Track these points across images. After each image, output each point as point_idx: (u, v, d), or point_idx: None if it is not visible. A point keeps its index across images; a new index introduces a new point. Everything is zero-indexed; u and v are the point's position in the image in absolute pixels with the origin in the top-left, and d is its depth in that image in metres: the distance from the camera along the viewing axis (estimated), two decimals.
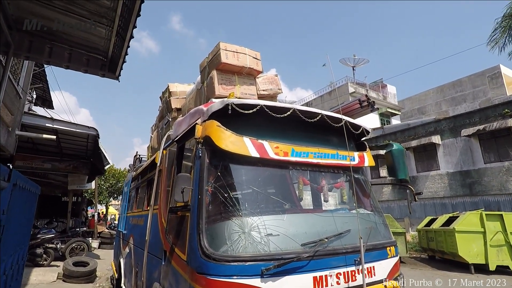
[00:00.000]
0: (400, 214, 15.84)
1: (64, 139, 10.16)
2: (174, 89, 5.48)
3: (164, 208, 3.16)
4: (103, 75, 3.92)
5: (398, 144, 3.14)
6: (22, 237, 3.59)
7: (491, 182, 13.15)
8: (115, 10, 2.99)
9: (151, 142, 7.29)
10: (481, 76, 22.15)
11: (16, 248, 3.24)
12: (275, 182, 2.83)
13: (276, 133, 2.64)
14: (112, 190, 29.78)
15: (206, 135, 2.44)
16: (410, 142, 15.80)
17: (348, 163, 2.84)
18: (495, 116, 13.14)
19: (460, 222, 9.05)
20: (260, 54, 4.04)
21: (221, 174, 2.38)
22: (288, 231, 2.30)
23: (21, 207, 3.19)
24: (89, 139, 10.15)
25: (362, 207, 3.01)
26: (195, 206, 2.33)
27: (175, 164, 3.05)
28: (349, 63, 27.26)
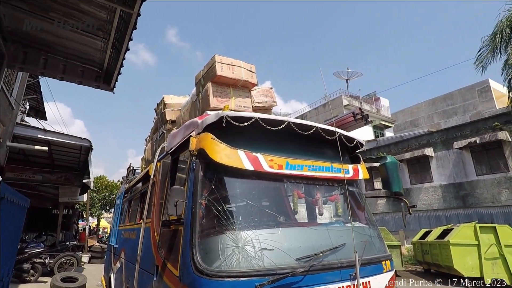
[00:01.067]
0: (395, 226, 15.81)
1: (56, 151, 10.03)
2: (169, 101, 5.48)
3: (157, 221, 3.10)
4: (97, 86, 3.91)
5: (392, 156, 3.15)
6: (8, 252, 3.48)
7: (483, 194, 13.26)
8: (111, 23, 3.01)
9: (145, 154, 7.23)
10: (471, 90, 22.65)
11: (1, 264, 3.14)
12: (270, 195, 2.81)
13: (271, 146, 2.64)
14: (104, 203, 29.26)
15: (200, 148, 2.43)
16: (404, 154, 15.95)
17: (342, 176, 2.84)
18: (485, 129, 13.38)
19: (454, 235, 9.05)
20: (255, 67, 4.09)
21: (215, 187, 2.36)
22: (282, 245, 2.27)
23: (9, 221, 3.11)
24: (82, 151, 10.03)
25: (357, 220, 2.99)
26: (188, 220, 2.29)
27: (168, 176, 3.02)
28: (342, 76, 27.71)
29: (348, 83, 27.85)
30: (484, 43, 10.39)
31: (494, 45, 10.02)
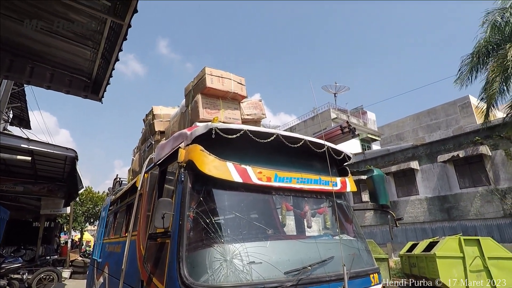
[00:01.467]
0: (383, 239, 15.90)
1: (40, 161, 9.73)
2: (158, 112, 5.46)
3: (143, 234, 3.04)
4: (85, 96, 3.86)
5: (378, 169, 3.20)
6: None
7: (467, 207, 13.55)
8: (102, 33, 3.01)
9: (132, 165, 7.11)
10: (453, 105, 23.46)
11: None
12: (258, 207, 2.81)
13: (260, 158, 2.65)
14: (88, 215, 28.38)
15: (189, 159, 2.41)
16: (390, 167, 16.22)
17: (330, 188, 2.86)
18: (467, 143, 13.81)
19: (440, 247, 9.15)
20: (245, 79, 4.14)
21: (203, 199, 2.34)
22: (271, 258, 2.25)
23: None
24: (67, 161, 9.77)
25: (345, 233, 3.01)
26: (175, 233, 2.25)
27: (156, 188, 2.98)
28: (330, 90, 28.28)
29: (336, 97, 28.43)
30: (463, 63, 10.88)
31: (472, 65, 10.50)
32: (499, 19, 9.86)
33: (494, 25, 10.01)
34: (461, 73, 10.90)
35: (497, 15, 9.86)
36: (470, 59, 10.65)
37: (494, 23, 10.01)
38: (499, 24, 9.85)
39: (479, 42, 10.34)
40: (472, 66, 10.52)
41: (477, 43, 10.43)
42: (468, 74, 10.64)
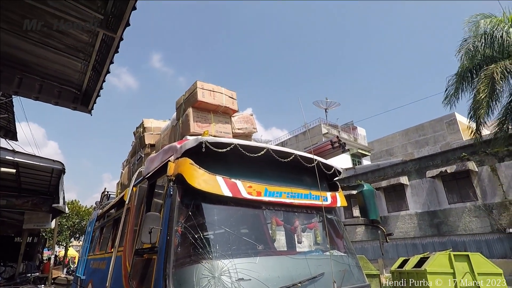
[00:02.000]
0: (374, 255, 15.81)
1: (25, 173, 9.46)
2: (149, 124, 5.44)
3: (130, 250, 2.95)
4: (74, 108, 3.81)
5: (368, 184, 3.21)
6: None
7: (456, 222, 13.67)
8: (93, 45, 3.01)
9: (121, 178, 7.00)
10: (440, 122, 24.05)
11: None
12: (248, 222, 2.77)
13: (250, 172, 2.63)
14: (74, 230, 27.51)
15: (178, 173, 2.39)
16: (380, 182, 16.35)
17: (321, 203, 2.85)
18: (454, 159, 14.09)
19: (430, 263, 9.14)
20: (237, 94, 4.18)
21: (192, 213, 2.30)
22: (260, 275, 2.20)
23: None
24: (53, 174, 9.53)
25: (335, 248, 2.98)
26: (162, 248, 2.20)
27: (144, 202, 2.92)
28: (321, 105, 28.71)
29: (327, 112, 28.85)
30: (449, 83, 11.24)
31: (457, 85, 10.87)
32: (471, 47, 10.34)
33: (467, 53, 10.51)
34: (448, 93, 11.24)
35: (471, 44, 10.33)
36: (455, 79, 11.02)
37: (467, 52, 10.50)
38: (472, 52, 10.32)
39: (463, 63, 10.74)
40: (457, 86, 10.87)
41: (461, 65, 10.83)
42: (455, 94, 10.98)
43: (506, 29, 9.85)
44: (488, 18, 10.32)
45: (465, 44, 10.61)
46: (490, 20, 10.21)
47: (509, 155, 12.59)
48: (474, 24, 10.52)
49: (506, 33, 9.74)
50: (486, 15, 10.47)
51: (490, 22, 10.16)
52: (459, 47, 10.82)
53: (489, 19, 10.26)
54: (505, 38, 9.68)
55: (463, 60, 10.61)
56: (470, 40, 10.48)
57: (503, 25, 9.98)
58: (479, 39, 10.14)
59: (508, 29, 9.85)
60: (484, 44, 10.05)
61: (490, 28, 10.09)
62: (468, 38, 10.60)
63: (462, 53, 10.68)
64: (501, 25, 9.98)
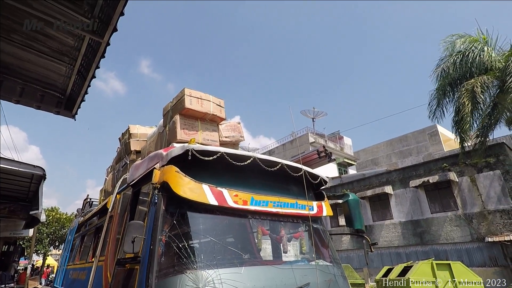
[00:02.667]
0: (359, 264, 15.91)
1: (2, 178, 9.08)
2: (135, 131, 5.35)
3: (112, 259, 2.87)
4: (57, 112, 3.71)
5: (353, 194, 3.23)
6: None
7: (438, 231, 13.97)
8: (79, 49, 2.96)
9: (105, 185, 6.84)
10: (423, 133, 24.77)
11: None
12: (234, 231, 2.74)
13: (236, 181, 2.62)
14: (54, 238, 26.44)
15: (163, 181, 2.35)
16: (366, 191, 16.58)
17: (307, 212, 2.86)
18: (436, 169, 14.47)
19: (414, 272, 9.28)
20: (225, 101, 4.18)
21: (177, 222, 2.26)
22: (245, 285, 2.18)
23: None
24: (33, 179, 9.18)
25: (321, 258, 2.98)
26: (145, 258, 2.14)
27: (128, 210, 2.86)
28: (309, 114, 29.08)
29: (314, 122, 29.23)
30: (432, 97, 11.64)
31: (439, 99, 11.30)
32: (447, 65, 10.88)
33: (443, 71, 11.06)
34: (431, 107, 11.63)
35: (448, 61, 10.87)
36: (436, 94, 11.44)
37: (443, 70, 11.03)
38: (449, 69, 10.85)
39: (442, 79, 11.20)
40: (439, 100, 11.29)
41: (438, 82, 11.30)
42: (437, 109, 11.39)
43: (481, 48, 10.45)
44: (463, 37, 10.95)
45: (441, 63, 11.15)
46: (465, 39, 10.83)
47: (487, 166, 13.05)
48: (450, 44, 11.14)
49: (481, 51, 10.32)
50: (461, 35, 11.12)
51: (465, 41, 10.79)
52: (436, 66, 11.37)
53: (463, 38, 10.89)
54: (481, 55, 10.23)
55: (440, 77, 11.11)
56: (446, 59, 11.03)
57: (478, 43, 10.59)
58: (456, 56, 10.67)
59: (483, 47, 10.44)
60: (461, 60, 10.56)
61: (464, 47, 10.69)
62: (444, 57, 11.16)
63: (438, 71, 11.19)
64: (476, 43, 10.60)
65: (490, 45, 10.58)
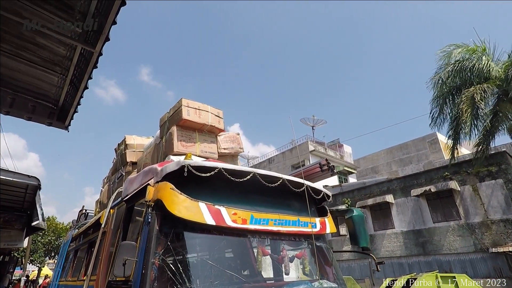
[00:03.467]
0: (361, 274, 15.61)
1: None
2: (131, 141, 5.23)
3: (103, 281, 2.70)
4: (50, 124, 3.58)
5: (358, 210, 3.09)
6: None
7: (440, 241, 13.73)
8: (71, 59, 2.85)
9: (100, 196, 6.69)
10: (423, 141, 24.68)
11: None
12: (233, 253, 2.59)
13: (235, 197, 2.48)
14: (50, 248, 26.06)
15: (157, 198, 2.20)
16: (367, 200, 16.37)
17: (310, 230, 2.71)
18: (437, 178, 14.32)
19: (418, 286, 9.05)
20: (224, 108, 4.07)
21: (171, 244, 2.11)
22: None
23: None
24: (28, 189, 8.99)
25: (325, 278, 2.81)
26: (137, 283, 1.99)
27: (121, 227, 2.70)
28: (308, 122, 29.01)
29: (313, 130, 29.14)
30: (433, 105, 11.63)
31: (440, 107, 11.29)
32: (446, 74, 10.96)
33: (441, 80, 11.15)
34: (432, 115, 11.60)
35: (446, 70, 10.96)
36: (436, 102, 11.44)
37: (440, 79, 11.12)
38: (448, 78, 10.92)
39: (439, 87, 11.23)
40: (441, 108, 11.28)
41: (435, 91, 11.33)
42: (439, 116, 11.37)
43: (479, 56, 10.53)
44: (460, 47, 11.08)
45: (439, 72, 11.24)
46: (462, 49, 10.96)
47: (489, 175, 12.91)
48: (447, 54, 11.25)
49: (479, 60, 10.40)
50: (458, 45, 11.28)
51: (462, 51, 10.94)
52: (434, 74, 11.46)
53: (461, 48, 11.04)
54: (480, 64, 10.29)
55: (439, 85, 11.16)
56: (443, 68, 11.12)
57: (477, 53, 10.68)
58: (455, 65, 10.75)
59: (481, 56, 10.51)
60: (461, 68, 10.63)
61: (462, 56, 10.82)
62: (442, 66, 11.26)
63: (436, 79, 11.26)
64: (474, 53, 10.70)
65: (488, 55, 10.66)
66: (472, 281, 9.03)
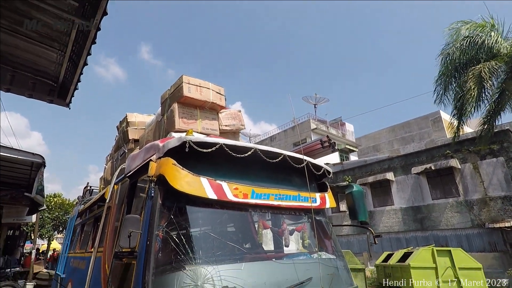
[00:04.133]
0: (359, 248, 16.09)
1: (2, 166, 9.05)
2: (133, 119, 5.24)
3: (109, 252, 2.81)
4: (51, 101, 3.57)
5: (358, 185, 3.15)
6: None
7: (438, 218, 14.02)
8: (69, 35, 2.79)
9: (104, 173, 6.80)
10: (425, 120, 24.50)
11: None
12: (234, 226, 2.67)
13: (236, 173, 2.52)
14: (57, 223, 26.86)
15: (160, 174, 2.25)
16: (367, 178, 16.55)
17: (309, 205, 2.77)
18: (439, 156, 14.37)
19: (414, 258, 9.34)
20: (225, 87, 4.03)
21: (174, 217, 2.17)
22: (246, 282, 2.11)
23: None
24: (33, 167, 9.15)
25: (324, 250, 2.92)
26: (142, 254, 2.07)
27: (125, 202, 2.78)
28: (310, 101, 28.74)
29: (316, 108, 28.92)
30: (438, 82, 11.39)
31: (445, 85, 11.07)
32: (454, 49, 10.64)
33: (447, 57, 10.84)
34: (438, 92, 11.41)
35: (453, 47, 10.64)
36: (441, 79, 11.20)
37: (447, 55, 10.81)
38: (455, 54, 10.62)
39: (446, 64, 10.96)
40: (446, 85, 11.07)
41: (441, 68, 11.06)
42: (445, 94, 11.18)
43: (487, 32, 10.19)
44: (468, 23, 10.72)
45: (447, 49, 10.92)
46: (470, 25, 10.60)
47: (490, 153, 12.92)
48: (455, 31, 10.88)
49: (488, 36, 10.06)
50: (466, 22, 10.91)
51: (471, 27, 10.58)
52: (442, 51, 11.14)
53: (469, 24, 10.67)
54: (488, 40, 9.97)
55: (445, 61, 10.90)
56: (451, 44, 10.80)
57: (485, 28, 10.33)
58: (463, 41, 10.43)
59: (490, 32, 10.17)
60: (468, 44, 10.32)
61: (470, 32, 10.45)
62: (450, 42, 10.93)
63: (443, 56, 10.97)
64: (482, 29, 10.35)
65: (498, 30, 10.31)
66: (466, 255, 9.31)
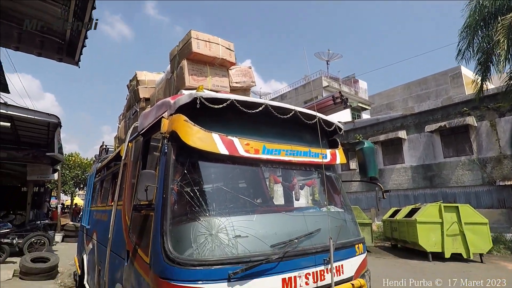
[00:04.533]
0: (367, 204, 16.53)
1: (21, 126, 9.36)
2: (143, 77, 5.18)
3: (128, 205, 2.98)
4: (60, 59, 3.54)
5: (369, 142, 3.14)
6: None
7: (449, 175, 14.04)
8: None
9: (118, 132, 6.94)
10: (444, 75, 23.38)
11: None
12: (246, 180, 2.75)
13: (247, 129, 2.53)
14: (78, 181, 28.32)
15: (172, 130, 2.28)
16: (379, 136, 16.42)
17: (320, 160, 2.80)
18: (455, 113, 13.96)
19: (421, 214, 9.57)
20: (235, 45, 3.88)
21: (187, 172, 2.25)
22: (257, 232, 2.23)
23: None
24: (50, 127, 9.43)
25: (333, 204, 3.01)
26: (159, 206, 2.19)
27: (140, 159, 2.87)
28: (323, 57, 27.58)
29: (328, 65, 27.85)
30: (461, 36, 10.61)
31: (469, 39, 10.29)
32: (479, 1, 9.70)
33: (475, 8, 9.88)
34: (460, 46, 10.68)
35: None
36: (466, 31, 10.41)
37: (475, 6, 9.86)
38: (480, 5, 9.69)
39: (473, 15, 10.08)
40: (471, 40, 10.32)
41: (468, 19, 10.19)
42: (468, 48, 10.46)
43: None
44: None
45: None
46: None
47: (510, 109, 12.43)
48: None
49: None
50: None
51: None
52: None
53: None
54: None
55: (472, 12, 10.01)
56: None
57: None
58: None
59: None
60: None
61: None
62: None
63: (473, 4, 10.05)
64: None
65: None
66: (473, 211, 9.47)
